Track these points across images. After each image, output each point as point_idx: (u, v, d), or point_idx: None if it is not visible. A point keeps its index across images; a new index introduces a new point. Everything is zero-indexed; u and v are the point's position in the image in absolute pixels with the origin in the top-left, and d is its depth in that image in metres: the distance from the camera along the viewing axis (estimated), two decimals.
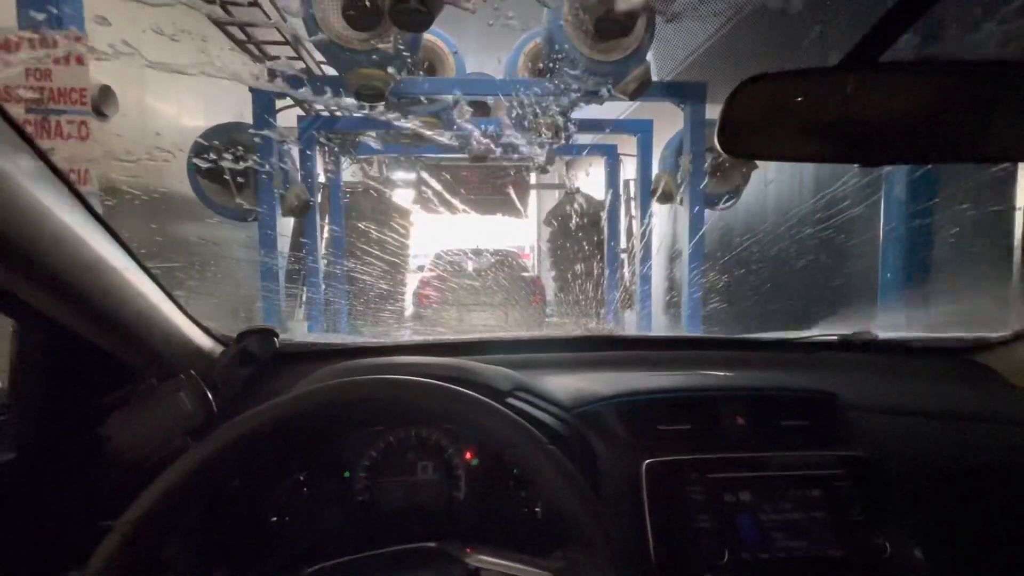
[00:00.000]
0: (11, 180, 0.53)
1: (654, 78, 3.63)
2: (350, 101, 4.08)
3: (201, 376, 0.77)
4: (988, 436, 0.89)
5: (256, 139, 3.64)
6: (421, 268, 7.56)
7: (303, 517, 0.80)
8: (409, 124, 4.40)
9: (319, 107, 4.96)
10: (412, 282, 7.00)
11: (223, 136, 3.74)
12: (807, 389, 0.89)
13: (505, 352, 1.03)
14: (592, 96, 3.79)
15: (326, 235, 5.92)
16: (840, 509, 0.75)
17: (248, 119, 3.81)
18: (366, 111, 4.77)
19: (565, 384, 0.89)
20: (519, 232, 12.06)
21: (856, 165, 0.69)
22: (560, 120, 4.55)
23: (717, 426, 0.83)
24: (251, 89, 3.67)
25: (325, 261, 5.91)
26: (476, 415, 0.59)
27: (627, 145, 6.24)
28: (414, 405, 0.60)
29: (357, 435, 0.83)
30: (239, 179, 3.72)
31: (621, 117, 6.02)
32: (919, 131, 0.55)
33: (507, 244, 9.67)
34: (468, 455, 0.83)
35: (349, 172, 7.88)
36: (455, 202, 7.70)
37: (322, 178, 5.85)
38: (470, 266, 7.04)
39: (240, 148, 3.66)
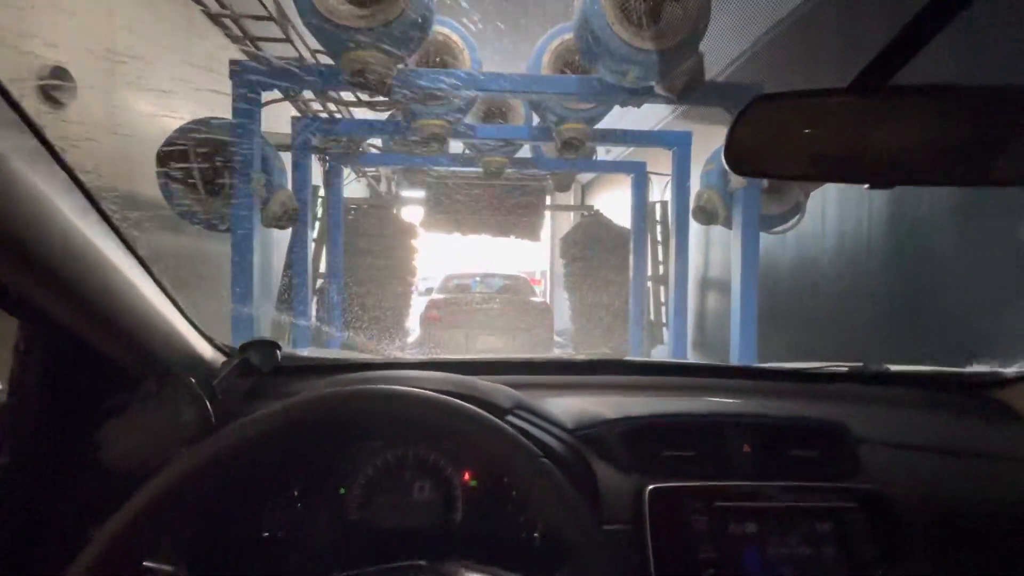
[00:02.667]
0: (21, 176, 0.51)
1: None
2: (348, 96, 3.59)
3: (201, 385, 0.76)
4: (1005, 475, 0.85)
5: (233, 136, 3.11)
6: (429, 291, 7.27)
7: (296, 533, 0.77)
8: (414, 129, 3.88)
9: (316, 106, 4.48)
10: (418, 306, 6.63)
11: (198, 131, 3.22)
12: (816, 419, 0.86)
13: (510, 373, 1.01)
14: (631, 96, 3.23)
15: (324, 253, 5.45)
16: (851, 545, 0.72)
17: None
18: (366, 110, 4.28)
19: (568, 405, 0.87)
20: (530, 256, 11.65)
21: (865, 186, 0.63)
22: (584, 129, 4.00)
23: (723, 453, 0.79)
24: (232, 77, 3.16)
25: (320, 281, 5.41)
26: (472, 429, 0.59)
27: (656, 164, 5.69)
28: (411, 417, 0.60)
29: (353, 451, 0.79)
30: (214, 182, 3.18)
31: (656, 128, 5.46)
32: (928, 154, 0.55)
33: (518, 268, 9.27)
34: (466, 476, 0.79)
35: (358, 187, 7.48)
36: (466, 222, 7.30)
37: (322, 191, 5.40)
38: (478, 290, 6.84)
39: (214, 146, 3.12)
